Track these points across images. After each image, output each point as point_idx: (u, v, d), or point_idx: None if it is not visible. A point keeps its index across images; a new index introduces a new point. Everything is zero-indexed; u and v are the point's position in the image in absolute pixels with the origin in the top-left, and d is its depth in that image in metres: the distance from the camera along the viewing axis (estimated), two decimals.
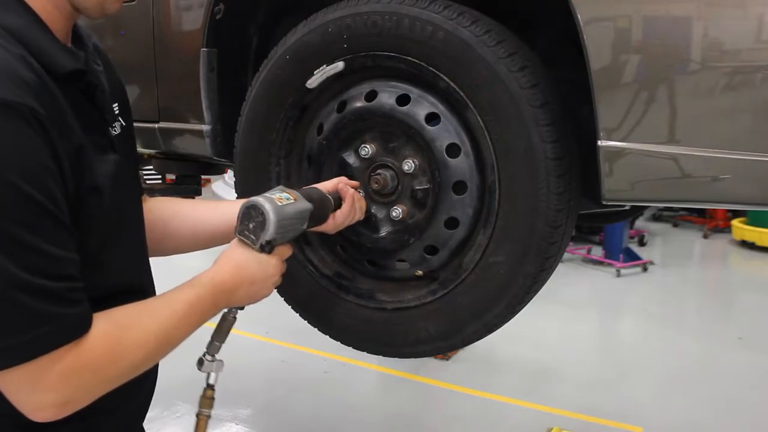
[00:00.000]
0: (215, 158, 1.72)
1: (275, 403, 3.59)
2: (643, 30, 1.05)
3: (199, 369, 1.10)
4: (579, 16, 1.06)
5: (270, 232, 1.05)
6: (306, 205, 1.13)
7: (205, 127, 1.66)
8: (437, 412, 3.51)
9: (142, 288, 1.08)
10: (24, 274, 0.74)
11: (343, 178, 1.29)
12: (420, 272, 1.34)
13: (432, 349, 1.35)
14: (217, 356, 1.11)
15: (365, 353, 1.44)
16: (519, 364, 4.06)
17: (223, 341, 1.11)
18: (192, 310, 0.96)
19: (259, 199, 1.06)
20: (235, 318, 1.11)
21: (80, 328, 0.82)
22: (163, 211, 1.24)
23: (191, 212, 1.26)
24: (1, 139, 0.74)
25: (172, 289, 0.98)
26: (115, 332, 0.85)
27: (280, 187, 1.15)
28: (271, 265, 1.08)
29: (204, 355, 1.10)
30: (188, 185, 2.88)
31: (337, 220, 1.22)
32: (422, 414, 3.51)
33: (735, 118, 1.01)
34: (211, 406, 1.10)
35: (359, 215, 1.27)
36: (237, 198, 1.43)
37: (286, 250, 1.12)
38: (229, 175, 5.39)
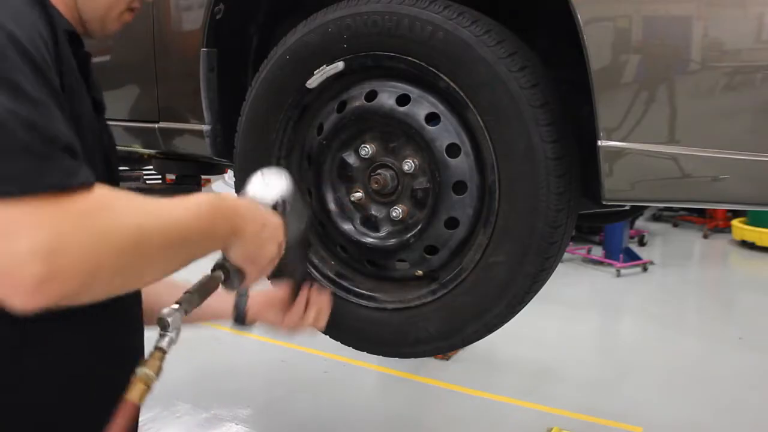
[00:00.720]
0: (215, 158, 1.72)
1: (275, 403, 3.59)
2: (643, 30, 1.05)
3: (160, 325, 0.85)
4: (579, 16, 1.06)
5: (285, 188, 1.01)
6: (307, 209, 1.11)
7: (205, 127, 1.66)
8: (437, 412, 3.51)
9: (127, 300, 0.96)
10: (40, 119, 0.68)
11: None
12: (420, 272, 1.34)
13: (432, 349, 1.35)
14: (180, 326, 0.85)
15: (365, 353, 1.44)
16: (519, 364, 4.06)
17: (200, 301, 0.91)
18: (189, 220, 0.79)
19: (270, 168, 1.04)
20: (218, 284, 0.94)
21: (82, 175, 0.70)
22: (157, 285, 0.97)
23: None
24: (21, 11, 0.75)
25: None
26: (109, 193, 0.73)
27: None
28: (278, 225, 0.99)
29: (176, 308, 0.86)
30: (188, 185, 2.89)
31: (290, 318, 1.23)
32: (422, 414, 3.51)
33: (735, 118, 1.01)
34: (159, 371, 0.82)
35: (320, 324, 1.27)
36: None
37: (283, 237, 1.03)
38: (229, 175, 5.38)
